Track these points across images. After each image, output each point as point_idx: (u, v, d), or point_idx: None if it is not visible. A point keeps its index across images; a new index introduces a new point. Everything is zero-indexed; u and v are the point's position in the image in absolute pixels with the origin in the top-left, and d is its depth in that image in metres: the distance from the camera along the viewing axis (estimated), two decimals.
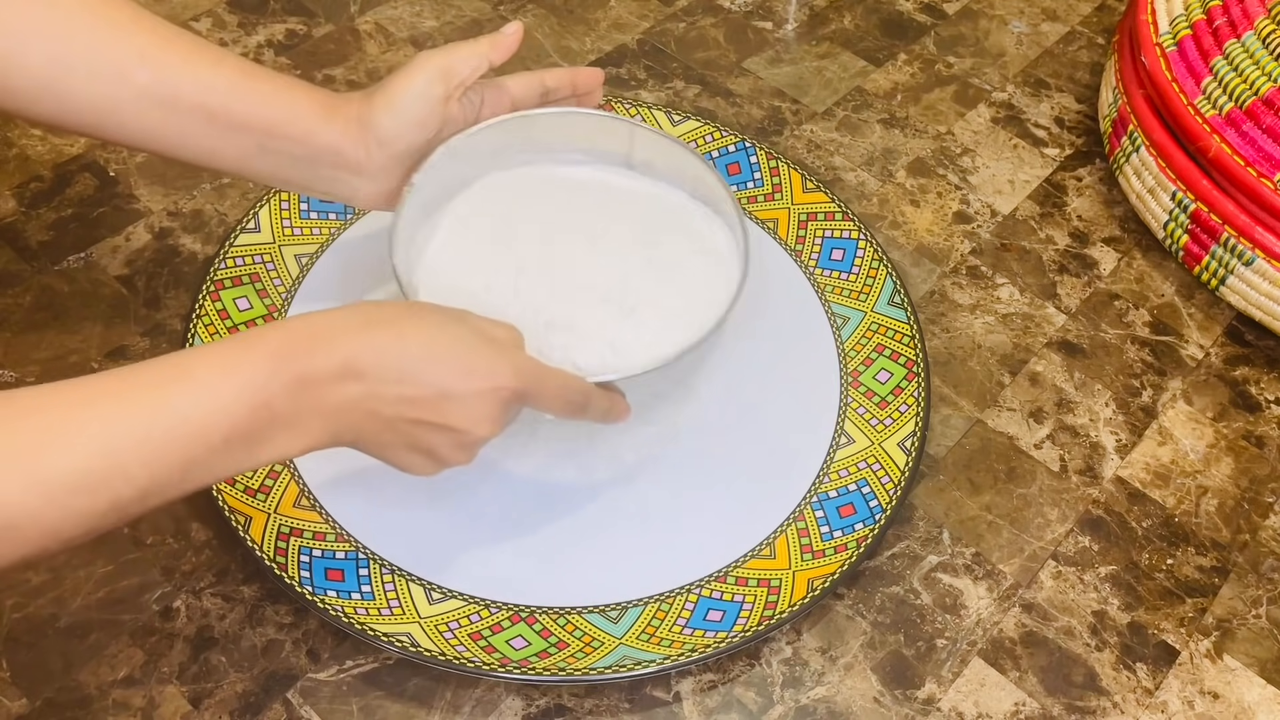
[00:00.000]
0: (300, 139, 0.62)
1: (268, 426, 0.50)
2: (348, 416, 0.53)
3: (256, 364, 0.50)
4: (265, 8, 0.95)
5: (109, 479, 0.47)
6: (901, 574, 0.67)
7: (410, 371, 0.53)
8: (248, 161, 0.63)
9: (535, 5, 0.99)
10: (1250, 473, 0.74)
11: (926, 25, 1.01)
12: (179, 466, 0.48)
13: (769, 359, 0.75)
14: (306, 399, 0.51)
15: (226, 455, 0.50)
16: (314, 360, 0.51)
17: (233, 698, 0.60)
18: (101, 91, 0.59)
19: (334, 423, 0.52)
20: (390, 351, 0.52)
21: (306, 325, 0.52)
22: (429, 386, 0.53)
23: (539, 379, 0.57)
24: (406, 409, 0.53)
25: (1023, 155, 0.91)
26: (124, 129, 0.60)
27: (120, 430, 0.47)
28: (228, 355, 0.50)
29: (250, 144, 0.62)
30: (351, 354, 0.52)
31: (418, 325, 0.54)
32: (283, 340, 0.51)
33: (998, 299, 0.81)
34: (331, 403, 0.52)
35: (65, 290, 0.76)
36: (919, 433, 0.70)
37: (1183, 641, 0.66)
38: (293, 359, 0.51)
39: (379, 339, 0.53)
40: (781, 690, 0.63)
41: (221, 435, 0.49)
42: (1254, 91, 0.77)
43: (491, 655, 0.60)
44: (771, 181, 0.83)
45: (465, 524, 0.66)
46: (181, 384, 0.49)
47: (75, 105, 0.59)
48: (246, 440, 0.50)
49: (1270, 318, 0.79)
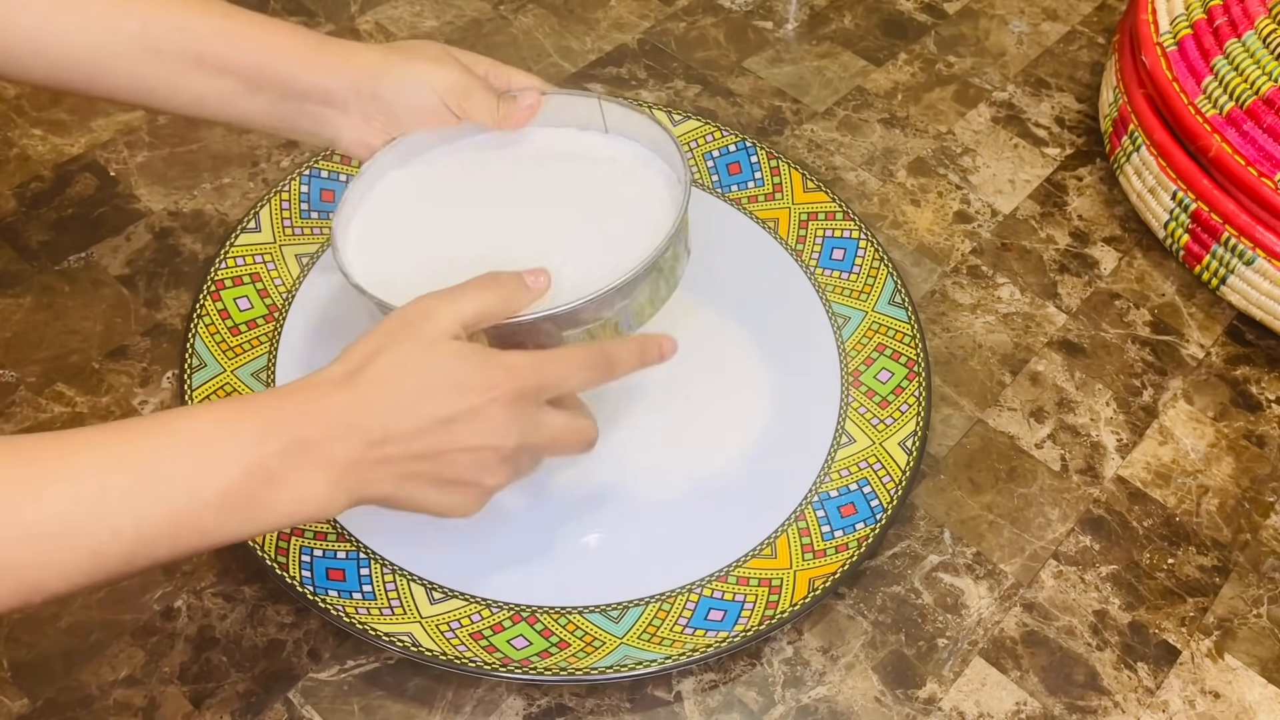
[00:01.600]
0: (288, 77, 0.63)
1: (266, 488, 0.49)
2: (360, 473, 0.51)
3: (248, 425, 0.49)
4: (265, 8, 0.95)
5: (92, 529, 0.45)
6: (902, 573, 0.67)
7: (404, 412, 0.51)
8: (237, 104, 0.63)
9: (535, 5, 0.99)
10: (1251, 472, 0.74)
11: (927, 25, 1.01)
12: (168, 523, 0.47)
13: (769, 358, 0.75)
14: (306, 459, 0.49)
15: (223, 515, 0.48)
16: (312, 421, 0.50)
17: (234, 698, 0.60)
18: (91, 43, 0.59)
19: (347, 481, 0.51)
20: (379, 399, 0.51)
21: (300, 389, 0.51)
22: (427, 419, 0.52)
23: (538, 365, 0.54)
24: (415, 446, 0.52)
25: (1023, 155, 0.91)
26: (116, 82, 0.61)
27: (106, 480, 0.46)
28: (220, 415, 0.49)
29: (239, 85, 0.63)
30: (342, 412, 0.50)
31: (396, 362, 0.52)
32: (273, 403, 0.50)
33: (998, 299, 0.81)
34: (337, 461, 0.50)
35: (65, 290, 0.76)
36: (920, 432, 0.70)
37: (1184, 641, 0.66)
38: (286, 422, 0.49)
39: (363, 391, 0.51)
40: (783, 690, 0.63)
41: (214, 492, 0.47)
42: (1255, 91, 0.77)
43: (493, 655, 0.60)
44: (772, 181, 0.83)
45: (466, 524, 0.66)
46: (172, 439, 0.48)
47: (67, 61, 0.60)
48: (242, 503, 0.48)
49: (1271, 317, 0.79)
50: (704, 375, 0.73)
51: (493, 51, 0.70)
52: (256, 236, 0.76)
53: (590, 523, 0.67)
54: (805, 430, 0.71)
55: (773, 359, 0.75)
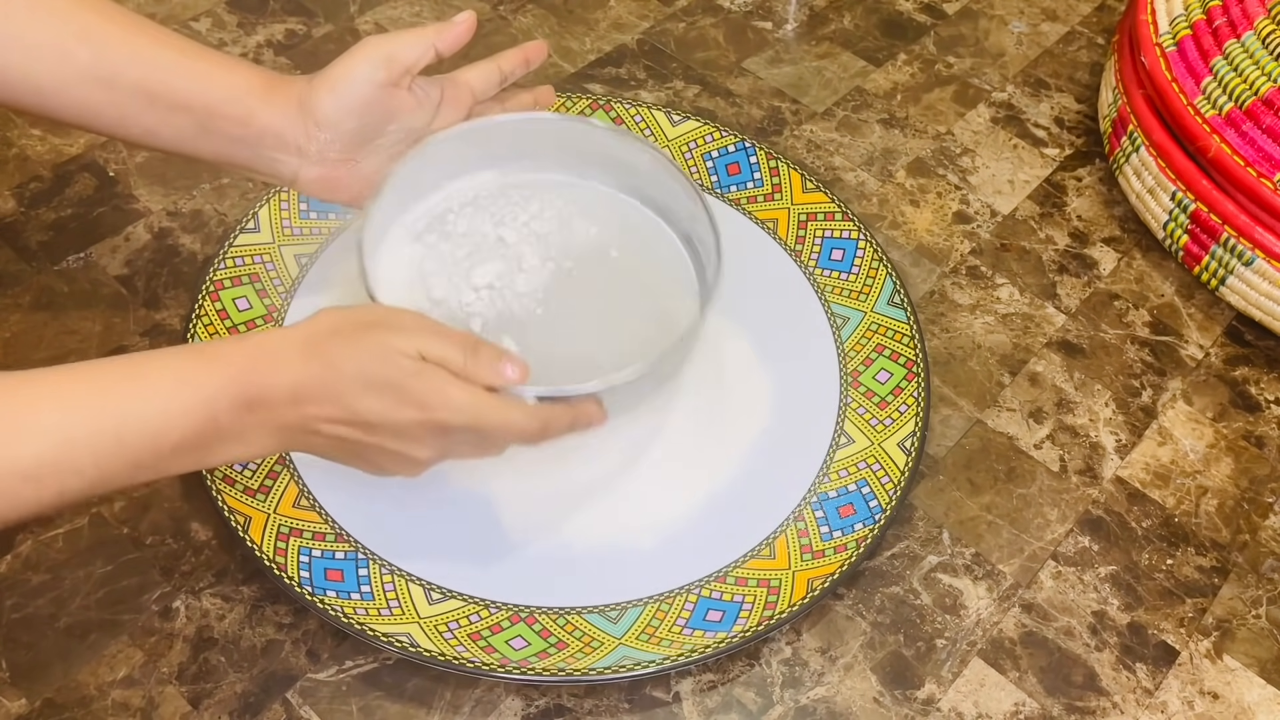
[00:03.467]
0: (241, 119, 0.62)
1: (214, 439, 0.53)
2: (292, 434, 0.55)
3: (208, 381, 0.52)
4: (265, 8, 0.95)
5: (59, 471, 0.49)
6: (901, 574, 0.67)
7: (345, 402, 0.54)
8: (189, 141, 0.63)
9: (535, 5, 0.99)
10: (1250, 473, 0.74)
11: (926, 25, 1.01)
12: (127, 466, 0.51)
13: (769, 359, 0.75)
14: (252, 418, 0.53)
15: (174, 459, 0.52)
16: (261, 385, 0.53)
17: (232, 698, 0.60)
18: (43, 70, 0.59)
19: (279, 438, 0.55)
20: (328, 382, 0.54)
21: (259, 348, 0.54)
22: (361, 414, 0.54)
23: (478, 416, 0.56)
24: (344, 432, 0.55)
25: (1023, 155, 0.91)
26: (67, 108, 0.61)
27: (75, 427, 0.49)
28: (183, 368, 0.53)
29: (191, 124, 0.62)
30: (294, 382, 0.53)
31: (356, 355, 0.54)
32: (235, 360, 0.53)
33: (997, 299, 0.81)
34: (276, 422, 0.54)
35: (65, 290, 0.76)
36: (919, 433, 0.70)
37: (1182, 642, 0.66)
38: (242, 381, 0.53)
39: (317, 369, 0.54)
40: (781, 690, 0.63)
41: (171, 443, 0.51)
42: (1254, 91, 0.77)
43: (491, 655, 0.60)
44: (771, 182, 0.83)
45: (465, 524, 0.66)
46: (139, 391, 0.51)
47: (18, 85, 0.59)
48: (194, 449, 0.52)
49: (1270, 318, 0.79)
50: (703, 375, 0.73)
51: (492, 52, 0.70)
52: (255, 237, 0.76)
53: (588, 523, 0.67)
54: (804, 431, 0.71)
55: (771, 359, 0.75)
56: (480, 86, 0.68)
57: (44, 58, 0.59)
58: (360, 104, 0.63)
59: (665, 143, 0.84)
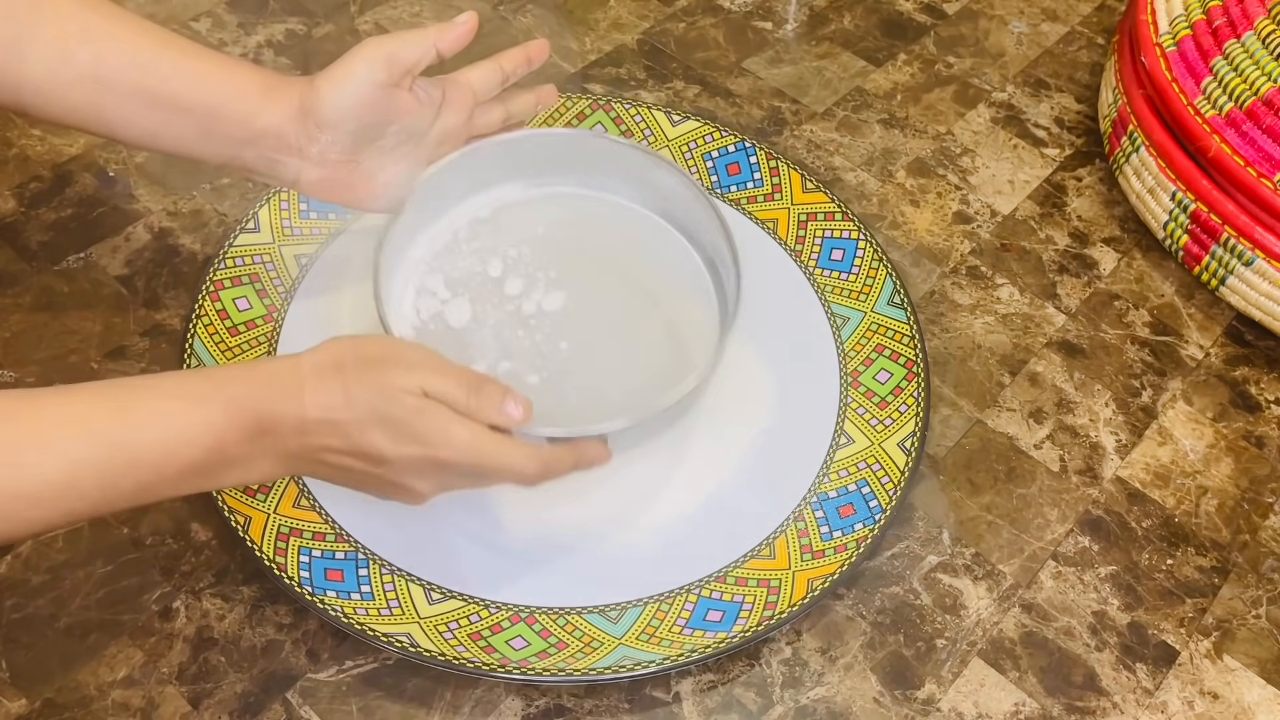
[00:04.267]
0: (242, 121, 0.62)
1: (221, 464, 0.53)
2: (297, 461, 0.56)
3: (217, 409, 0.52)
4: (265, 8, 0.95)
5: (65, 495, 0.49)
6: (901, 574, 0.67)
7: (350, 436, 0.55)
8: (190, 143, 0.63)
9: (535, 5, 0.99)
10: (1250, 473, 0.74)
11: (926, 25, 1.01)
12: (133, 489, 0.51)
13: (768, 359, 0.75)
14: (259, 446, 0.54)
15: (179, 483, 0.53)
16: (269, 414, 0.53)
17: (232, 698, 0.60)
18: (44, 71, 0.59)
19: (285, 464, 0.56)
20: (333, 417, 0.54)
21: (269, 376, 0.54)
22: (365, 448, 0.55)
23: (479, 455, 0.56)
24: (349, 463, 0.56)
25: (1023, 155, 0.91)
26: (67, 109, 0.60)
27: (82, 451, 0.50)
28: (194, 394, 0.53)
29: (192, 125, 0.62)
30: (302, 413, 0.54)
31: (365, 389, 0.54)
32: (243, 388, 0.54)
33: (997, 299, 0.81)
34: (282, 450, 0.55)
35: (65, 290, 0.76)
36: (919, 433, 0.70)
37: (1182, 642, 0.66)
38: (250, 410, 0.53)
39: (323, 402, 0.54)
40: (781, 690, 0.63)
41: (177, 468, 0.52)
42: (1254, 92, 0.77)
43: (491, 655, 0.60)
44: (771, 182, 0.83)
45: (465, 524, 0.66)
46: (147, 416, 0.52)
47: (19, 87, 0.59)
48: (200, 473, 0.53)
49: (1270, 318, 0.79)
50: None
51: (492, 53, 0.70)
52: (255, 237, 0.76)
53: (589, 523, 0.67)
54: (804, 431, 0.71)
55: (771, 359, 0.75)
56: (482, 86, 0.68)
57: (45, 58, 0.59)
58: (361, 105, 0.63)
59: (665, 143, 0.84)
